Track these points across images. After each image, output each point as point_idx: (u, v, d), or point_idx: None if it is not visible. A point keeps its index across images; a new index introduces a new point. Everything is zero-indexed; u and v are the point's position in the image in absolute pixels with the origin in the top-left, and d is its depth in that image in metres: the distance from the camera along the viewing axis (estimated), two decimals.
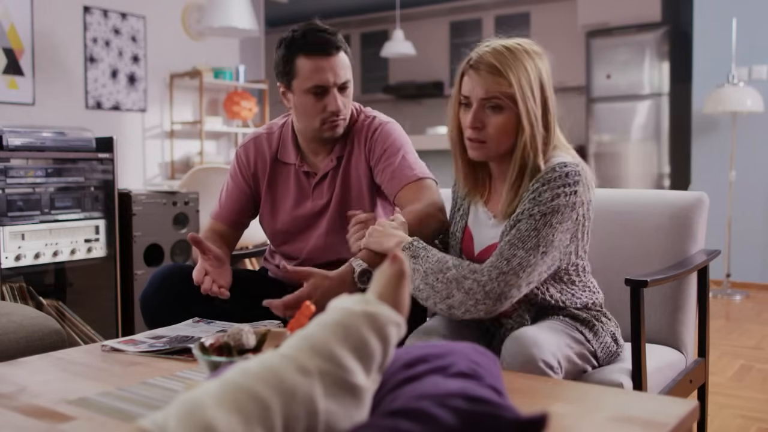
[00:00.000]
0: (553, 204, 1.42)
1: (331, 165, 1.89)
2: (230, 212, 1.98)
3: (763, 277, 5.17)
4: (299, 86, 1.79)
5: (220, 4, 4.93)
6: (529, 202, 1.45)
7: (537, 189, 1.45)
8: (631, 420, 0.98)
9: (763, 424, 2.50)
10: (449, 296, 1.43)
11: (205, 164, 5.27)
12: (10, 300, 2.69)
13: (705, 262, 1.82)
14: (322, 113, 1.79)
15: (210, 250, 1.73)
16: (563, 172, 1.44)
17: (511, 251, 1.42)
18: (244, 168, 1.96)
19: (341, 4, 8.30)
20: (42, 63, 5.14)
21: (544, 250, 1.43)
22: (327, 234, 1.90)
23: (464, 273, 1.43)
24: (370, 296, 0.89)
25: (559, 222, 1.43)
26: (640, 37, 6.34)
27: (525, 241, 1.42)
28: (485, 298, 1.41)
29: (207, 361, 1.10)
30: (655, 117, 6.30)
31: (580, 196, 1.46)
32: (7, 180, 2.71)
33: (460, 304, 1.42)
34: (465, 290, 1.42)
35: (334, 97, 1.78)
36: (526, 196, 1.46)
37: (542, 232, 1.42)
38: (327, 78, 1.76)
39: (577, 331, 1.51)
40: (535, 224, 1.42)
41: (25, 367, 1.36)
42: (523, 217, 1.44)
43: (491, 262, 1.43)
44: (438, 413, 0.77)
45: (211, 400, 0.71)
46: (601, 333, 1.54)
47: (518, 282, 1.41)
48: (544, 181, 1.45)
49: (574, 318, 1.54)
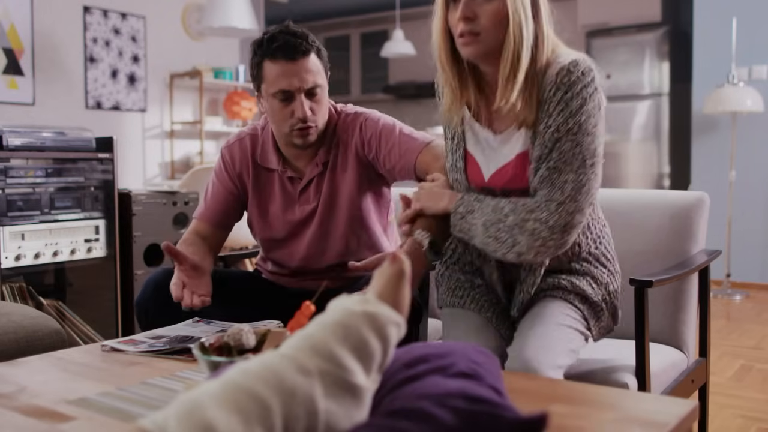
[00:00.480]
0: (584, 110, 1.36)
1: (317, 171, 1.84)
2: (216, 212, 1.91)
3: (763, 277, 5.17)
4: (266, 91, 1.76)
5: (220, 4, 4.93)
6: (559, 115, 1.37)
7: (562, 98, 1.37)
8: (631, 420, 0.98)
9: (763, 424, 2.50)
10: (515, 243, 1.38)
11: (205, 164, 5.27)
12: (10, 300, 2.69)
13: (706, 262, 1.82)
14: (289, 119, 1.75)
15: (186, 260, 1.66)
16: (579, 72, 1.37)
17: (561, 177, 1.36)
18: (230, 168, 1.92)
19: (341, 4, 8.30)
20: (42, 63, 5.14)
21: (592, 161, 1.37)
22: (320, 238, 1.86)
23: (522, 215, 1.37)
24: (370, 296, 0.89)
25: (594, 126, 1.38)
26: (640, 37, 6.34)
27: (571, 161, 1.36)
28: (551, 234, 1.36)
29: (207, 361, 1.10)
30: (655, 117, 6.30)
31: (599, 91, 1.40)
32: (7, 180, 2.71)
33: (528, 248, 1.37)
34: (529, 233, 1.36)
35: (301, 102, 1.73)
36: (551, 107, 1.38)
37: (584, 145, 1.36)
38: (292, 83, 1.71)
39: (581, 317, 1.49)
40: (574, 139, 1.36)
41: (25, 367, 1.36)
42: (560, 135, 1.37)
43: (545, 195, 1.37)
44: (438, 413, 0.76)
45: (211, 400, 0.71)
46: (603, 317, 1.53)
47: (579, 206, 1.37)
48: (566, 87, 1.37)
49: (583, 299, 1.50)
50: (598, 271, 1.54)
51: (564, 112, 1.37)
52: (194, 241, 1.86)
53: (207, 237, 1.90)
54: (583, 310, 1.50)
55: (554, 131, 1.37)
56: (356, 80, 8.91)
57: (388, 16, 8.28)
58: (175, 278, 1.65)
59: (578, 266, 1.54)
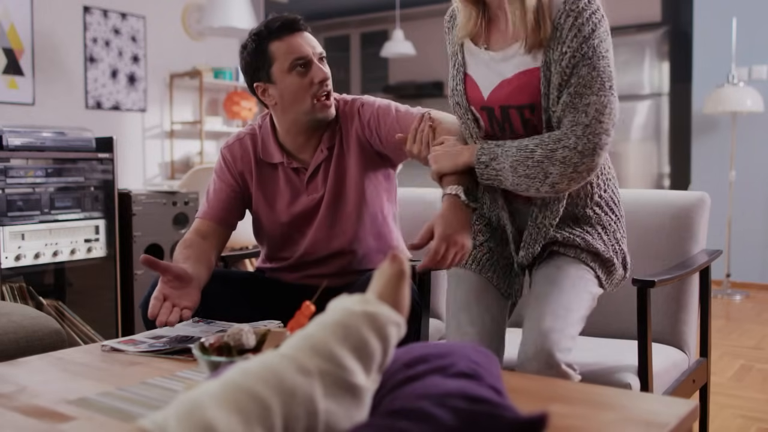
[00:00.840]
0: (596, 35, 1.41)
1: (323, 156, 1.86)
2: (220, 210, 1.90)
3: (763, 277, 5.17)
4: (280, 69, 1.78)
5: (220, 4, 4.93)
6: (572, 40, 1.41)
7: (573, 23, 1.41)
8: (631, 420, 0.98)
9: (763, 424, 2.50)
10: (547, 175, 1.41)
11: (205, 164, 5.27)
12: (10, 300, 2.69)
13: (707, 262, 1.82)
14: (310, 88, 1.78)
15: (168, 269, 1.60)
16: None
17: (583, 101, 1.40)
18: (231, 166, 1.92)
19: (341, 4, 8.30)
20: (42, 63, 5.14)
21: (610, 83, 1.42)
22: (327, 226, 1.87)
23: (550, 146, 1.41)
24: (370, 296, 0.89)
25: (606, 49, 1.43)
26: (640, 37, 6.34)
27: (591, 85, 1.40)
28: (582, 157, 1.39)
29: (207, 361, 1.10)
30: (655, 117, 6.30)
31: (605, 17, 1.45)
32: (7, 180, 2.71)
33: (561, 176, 1.41)
34: (560, 161, 1.40)
35: (318, 66, 1.79)
36: (565, 34, 1.41)
37: (600, 68, 1.41)
38: (305, 50, 1.78)
39: (595, 277, 1.51)
40: (591, 63, 1.40)
41: (25, 367, 1.36)
42: (576, 61, 1.40)
43: (571, 121, 1.40)
44: (438, 413, 0.76)
45: (211, 400, 0.71)
46: (616, 269, 1.55)
47: (604, 127, 1.40)
48: (576, 13, 1.41)
49: (595, 256, 1.52)
50: (607, 218, 1.57)
51: (578, 37, 1.40)
52: (193, 242, 1.83)
53: (209, 235, 1.87)
54: (595, 268, 1.53)
55: (570, 57, 1.41)
56: (356, 80, 8.91)
57: (388, 16, 8.28)
58: (156, 291, 1.59)
59: (591, 212, 1.56)
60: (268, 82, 1.81)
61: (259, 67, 1.81)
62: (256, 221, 1.97)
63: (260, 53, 1.80)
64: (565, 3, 1.42)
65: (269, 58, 1.79)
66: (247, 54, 1.83)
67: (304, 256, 1.91)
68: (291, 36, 1.78)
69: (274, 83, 1.80)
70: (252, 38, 1.82)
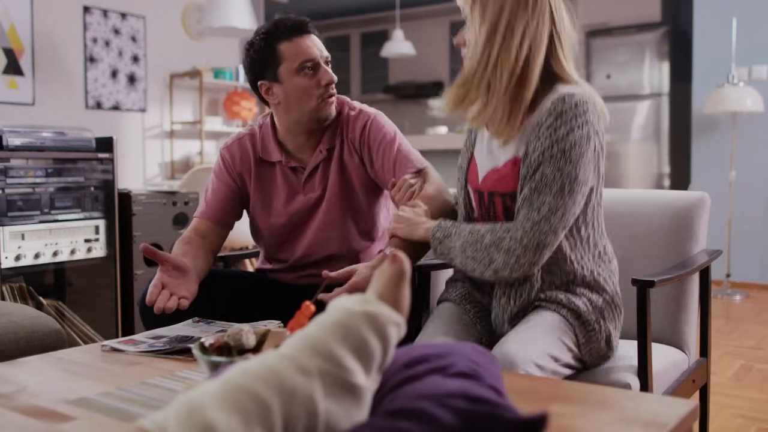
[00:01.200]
0: (570, 138, 1.42)
1: (322, 156, 1.87)
2: (218, 210, 1.92)
3: (763, 277, 5.17)
4: (288, 69, 1.79)
5: (220, 4, 4.93)
6: (546, 139, 1.43)
7: (552, 124, 1.43)
8: (631, 420, 0.98)
9: (763, 424, 2.50)
10: (491, 261, 1.46)
11: (205, 164, 5.27)
12: (10, 300, 2.69)
13: (707, 262, 1.82)
14: (317, 89, 1.80)
15: (168, 260, 1.64)
16: (572, 103, 1.43)
17: (539, 199, 1.43)
18: (230, 167, 1.93)
19: (341, 4, 8.30)
20: (42, 63, 5.14)
21: (570, 188, 1.43)
22: (322, 228, 1.88)
23: (499, 234, 1.45)
24: (370, 296, 0.89)
25: (579, 155, 1.43)
26: (640, 37, 6.34)
27: (550, 185, 1.42)
28: (525, 251, 1.42)
29: (207, 361, 1.10)
30: (655, 117, 6.30)
31: (593, 125, 1.45)
32: (7, 180, 2.71)
33: (504, 265, 1.44)
34: (505, 250, 1.44)
35: (325, 69, 1.81)
36: (540, 131, 1.44)
37: (565, 171, 1.42)
38: (313, 52, 1.80)
39: (572, 333, 1.48)
40: (557, 164, 1.42)
41: (25, 367, 1.36)
42: (544, 159, 1.43)
43: (523, 215, 1.44)
44: (438, 413, 0.76)
45: (211, 400, 0.71)
46: (596, 338, 1.50)
47: (552, 227, 1.42)
48: (556, 114, 1.43)
49: (577, 316, 1.50)
50: (595, 296, 1.54)
51: (552, 136, 1.43)
52: (192, 239, 1.86)
53: (207, 235, 1.90)
54: (575, 326, 1.49)
55: (539, 154, 1.44)
56: (356, 80, 8.91)
57: (388, 16, 8.28)
58: (155, 280, 1.62)
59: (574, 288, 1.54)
60: (274, 81, 1.82)
61: (266, 65, 1.81)
62: (253, 221, 1.97)
63: (268, 52, 1.80)
64: (554, 102, 1.44)
65: (277, 57, 1.79)
66: (254, 51, 1.82)
67: (302, 258, 1.91)
68: (300, 38, 1.80)
69: (280, 83, 1.81)
70: (260, 36, 1.82)
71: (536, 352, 1.38)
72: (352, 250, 1.89)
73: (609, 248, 1.61)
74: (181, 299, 1.59)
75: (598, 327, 1.51)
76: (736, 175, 5.08)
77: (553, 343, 1.44)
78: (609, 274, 1.58)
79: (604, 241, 1.59)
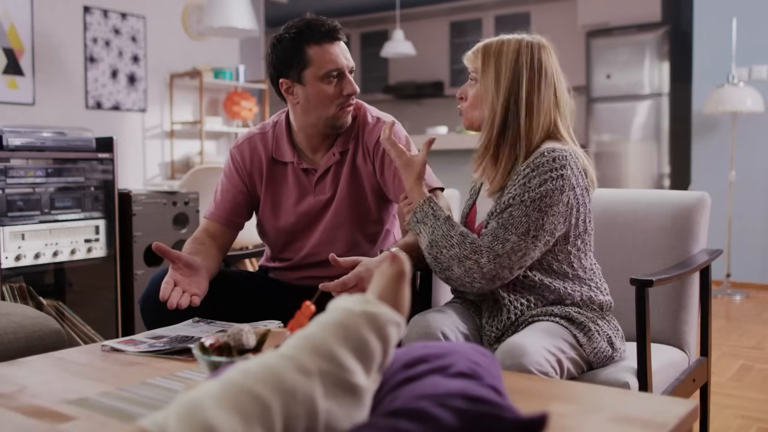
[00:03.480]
0: (541, 189, 1.49)
1: (334, 159, 1.87)
2: (227, 211, 1.93)
3: (763, 277, 5.17)
4: (313, 74, 1.78)
5: (220, 4, 4.93)
6: (519, 187, 1.51)
7: (527, 174, 1.51)
8: (631, 420, 0.98)
9: (763, 424, 2.50)
10: (449, 269, 1.54)
11: (205, 164, 5.27)
12: (10, 300, 2.69)
13: (707, 261, 1.82)
14: (339, 98, 1.80)
15: (179, 258, 1.66)
16: (550, 157, 1.51)
17: (505, 235, 1.50)
18: (240, 167, 1.93)
19: (341, 4, 8.30)
20: (42, 63, 5.14)
21: (535, 234, 1.50)
22: (331, 229, 1.89)
23: (465, 252, 1.51)
24: (370, 296, 0.89)
25: (548, 206, 1.50)
26: (640, 37, 6.34)
27: (517, 226, 1.50)
28: (482, 278, 1.51)
29: (207, 361, 1.10)
30: (655, 117, 6.30)
31: (569, 180, 1.51)
32: (7, 180, 2.71)
33: (458, 279, 1.54)
34: (465, 269, 1.51)
35: (349, 80, 1.81)
36: (517, 180, 1.53)
37: (532, 218, 1.49)
38: (341, 62, 1.79)
39: (571, 335, 1.51)
40: (525, 210, 1.50)
41: (25, 367, 1.36)
42: (514, 203, 1.51)
43: (489, 244, 1.51)
44: (438, 413, 0.76)
45: (211, 401, 0.71)
46: (596, 338, 1.53)
47: (510, 265, 1.50)
48: (533, 166, 1.51)
49: (570, 320, 1.54)
50: (584, 309, 1.59)
51: (525, 185, 1.51)
52: (203, 239, 1.89)
53: (217, 236, 1.92)
54: (571, 328, 1.53)
55: (511, 197, 1.53)
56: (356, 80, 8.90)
57: (388, 16, 8.28)
58: (168, 277, 1.64)
59: (564, 306, 1.59)
60: (297, 81, 1.81)
61: (291, 65, 1.80)
62: (261, 220, 1.98)
63: (296, 52, 1.78)
64: (534, 156, 1.53)
65: (304, 60, 1.78)
66: (282, 50, 1.81)
67: (307, 257, 1.91)
68: (330, 44, 1.79)
69: (303, 84, 1.80)
70: (290, 35, 1.79)
71: (543, 343, 1.43)
72: (357, 254, 1.89)
73: (603, 287, 1.65)
74: (193, 296, 1.61)
75: (595, 327, 1.54)
76: (736, 175, 5.08)
77: (557, 340, 1.48)
78: (605, 305, 1.62)
79: (597, 282, 1.63)
